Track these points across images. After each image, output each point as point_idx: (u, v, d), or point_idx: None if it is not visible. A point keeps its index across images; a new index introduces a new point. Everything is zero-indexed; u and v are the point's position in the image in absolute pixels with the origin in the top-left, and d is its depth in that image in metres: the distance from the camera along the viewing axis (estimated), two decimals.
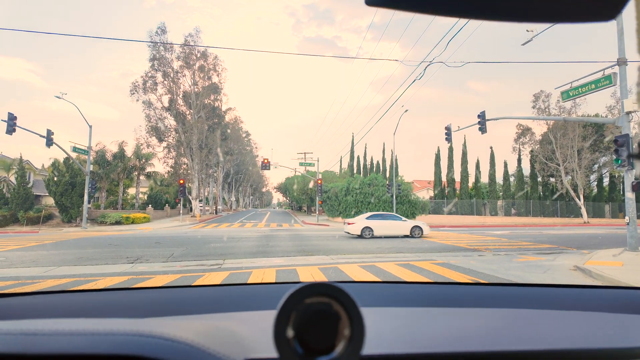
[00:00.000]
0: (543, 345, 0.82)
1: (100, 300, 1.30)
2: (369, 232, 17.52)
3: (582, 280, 7.97)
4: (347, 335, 0.59)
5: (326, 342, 0.60)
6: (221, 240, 15.88)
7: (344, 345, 0.59)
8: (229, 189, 75.30)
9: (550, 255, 11.40)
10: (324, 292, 0.61)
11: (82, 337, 0.63)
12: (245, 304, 1.26)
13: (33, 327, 0.65)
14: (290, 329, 0.59)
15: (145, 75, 36.73)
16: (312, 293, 0.61)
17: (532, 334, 0.92)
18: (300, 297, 0.60)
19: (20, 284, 7.28)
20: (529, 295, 1.37)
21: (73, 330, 0.64)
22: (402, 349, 0.79)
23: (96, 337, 0.63)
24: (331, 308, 0.61)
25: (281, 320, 0.58)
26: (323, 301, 0.61)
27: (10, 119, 20.97)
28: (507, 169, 47.25)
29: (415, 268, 8.91)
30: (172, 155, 40.34)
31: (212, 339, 0.70)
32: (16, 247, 13.81)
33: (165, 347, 0.62)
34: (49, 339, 0.62)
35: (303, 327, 0.60)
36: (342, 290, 0.61)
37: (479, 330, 0.97)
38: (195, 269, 8.92)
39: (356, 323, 0.59)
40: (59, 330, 0.64)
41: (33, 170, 40.72)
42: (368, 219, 18.01)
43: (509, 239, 17.22)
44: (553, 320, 1.06)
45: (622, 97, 12.02)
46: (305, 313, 0.60)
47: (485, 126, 17.54)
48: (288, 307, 0.59)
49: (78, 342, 0.61)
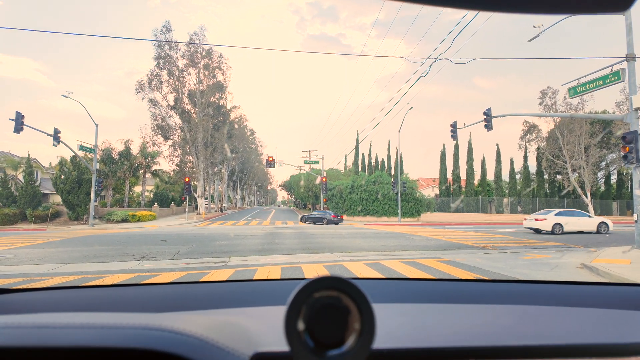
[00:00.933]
0: (548, 340, 0.82)
1: (110, 295, 1.32)
2: (559, 228, 18.38)
3: (589, 278, 7.91)
4: (358, 329, 0.59)
5: (336, 336, 0.60)
6: (227, 238, 15.94)
7: (354, 339, 0.59)
8: (234, 187, 75.55)
9: (556, 253, 11.33)
10: (333, 285, 0.61)
11: (93, 330, 0.63)
12: (252, 299, 1.27)
13: (45, 320, 0.66)
14: (301, 322, 0.59)
15: (151, 73, 36.95)
16: (322, 287, 0.61)
17: (538, 329, 0.93)
18: (311, 291, 0.60)
19: (29, 280, 7.37)
20: (535, 292, 1.37)
21: (84, 323, 0.65)
22: (409, 343, 0.79)
23: (107, 331, 0.63)
24: (340, 302, 0.61)
25: (292, 314, 0.58)
26: (332, 295, 0.61)
27: (18, 118, 21.19)
28: (513, 166, 46.94)
29: (420, 265, 8.90)
30: (177, 153, 40.57)
31: (221, 333, 0.71)
32: (24, 244, 13.97)
33: (175, 341, 0.62)
34: (61, 332, 0.62)
35: (313, 320, 0.60)
36: (352, 284, 0.60)
37: (484, 325, 0.97)
38: (201, 266, 8.98)
39: (367, 317, 0.59)
40: (70, 324, 0.65)
41: (41, 169, 41.10)
42: (557, 215, 18.85)
43: (515, 237, 17.13)
44: (558, 316, 1.06)
45: (631, 93, 11.88)
46: (315, 307, 0.60)
47: (491, 123, 17.44)
48: (299, 301, 0.59)
49: (89, 335, 0.62)
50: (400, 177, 34.08)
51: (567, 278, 7.78)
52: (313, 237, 16.43)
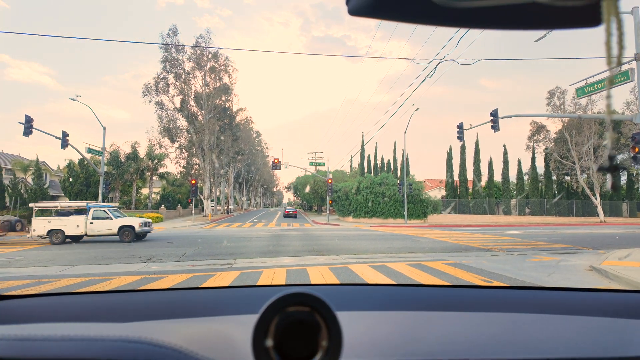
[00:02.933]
0: (548, 353, 0.79)
1: (106, 302, 1.31)
2: None
3: (598, 280, 7.79)
4: (325, 347, 0.59)
5: (306, 351, 0.59)
6: (232, 240, 15.99)
7: (320, 357, 0.58)
8: (240, 189, 75.83)
9: (565, 256, 11.18)
10: (304, 301, 0.60)
11: (72, 342, 0.63)
12: (248, 306, 1.25)
13: (27, 332, 0.66)
14: (270, 338, 0.59)
15: (158, 76, 37.23)
16: (293, 302, 0.60)
17: (536, 340, 0.89)
18: (281, 306, 0.60)
19: (37, 283, 7.44)
20: (538, 299, 1.33)
21: (65, 335, 0.65)
22: (393, 355, 0.77)
23: (85, 343, 0.63)
24: (313, 317, 0.60)
25: (260, 330, 0.59)
26: (304, 310, 0.61)
27: (27, 121, 21.46)
28: (520, 167, 46.45)
29: (426, 268, 8.84)
30: (184, 155, 40.83)
31: (204, 343, 0.71)
32: (33, 246, 14.14)
33: (152, 353, 0.63)
34: (41, 345, 0.62)
35: (284, 335, 0.60)
36: (321, 300, 0.60)
37: (483, 336, 0.93)
38: (207, 268, 9.00)
39: (334, 334, 0.59)
40: (51, 336, 0.65)
41: (49, 171, 41.63)
42: None
43: (522, 239, 16.95)
44: (560, 326, 1.02)
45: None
46: (287, 322, 0.60)
47: (498, 124, 17.31)
48: (268, 316, 0.59)
49: (68, 348, 0.62)
50: (407, 178, 33.93)
51: (575, 281, 7.67)
52: (319, 239, 16.41)
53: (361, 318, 1.07)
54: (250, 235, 18.37)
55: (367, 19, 0.44)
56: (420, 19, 0.45)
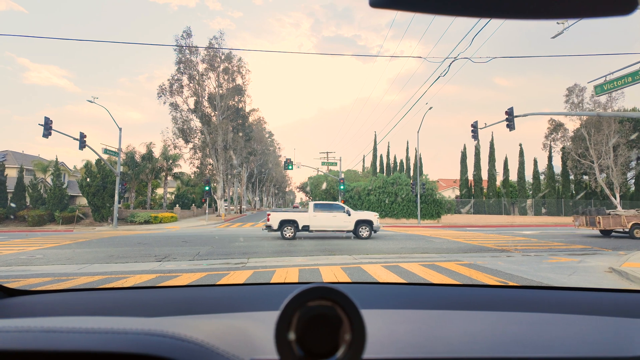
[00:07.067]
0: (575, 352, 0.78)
1: (125, 298, 1.35)
2: None
3: (618, 282, 7.59)
4: (348, 340, 0.59)
5: (328, 345, 0.60)
6: (246, 239, 16.11)
7: (344, 350, 0.59)
8: (252, 189, 76.33)
9: (583, 257, 10.92)
10: (326, 295, 0.61)
11: (96, 335, 0.65)
12: (264, 303, 1.27)
13: (52, 324, 0.68)
14: (292, 332, 0.59)
15: (172, 78, 37.79)
16: (315, 296, 0.61)
17: (550, 339, 0.88)
18: (303, 300, 0.60)
19: (56, 280, 7.63)
20: (555, 299, 1.30)
21: (89, 328, 0.67)
22: (413, 353, 0.77)
23: (109, 335, 0.65)
24: (334, 311, 0.61)
25: (283, 323, 0.59)
26: (326, 304, 0.61)
27: (46, 123, 22.04)
28: (537, 166, 45.60)
29: (439, 269, 8.75)
30: (198, 156, 41.35)
31: (224, 339, 0.72)
32: (53, 245, 14.50)
33: (174, 347, 0.64)
34: (67, 336, 0.64)
35: (305, 329, 0.60)
36: (343, 294, 0.60)
37: (504, 334, 0.92)
38: (221, 267, 9.09)
39: (357, 328, 0.59)
40: (75, 328, 0.66)
41: (67, 172, 42.64)
42: None
43: (539, 240, 16.62)
44: (585, 325, 1.01)
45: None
46: (308, 316, 0.60)
47: (514, 123, 17.03)
48: (289, 310, 0.60)
49: (92, 340, 0.64)
50: (420, 178, 33.65)
51: (594, 282, 7.49)
52: (331, 239, 16.40)
53: (379, 316, 1.07)
54: (263, 235, 18.48)
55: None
56: (442, 9, 0.44)
